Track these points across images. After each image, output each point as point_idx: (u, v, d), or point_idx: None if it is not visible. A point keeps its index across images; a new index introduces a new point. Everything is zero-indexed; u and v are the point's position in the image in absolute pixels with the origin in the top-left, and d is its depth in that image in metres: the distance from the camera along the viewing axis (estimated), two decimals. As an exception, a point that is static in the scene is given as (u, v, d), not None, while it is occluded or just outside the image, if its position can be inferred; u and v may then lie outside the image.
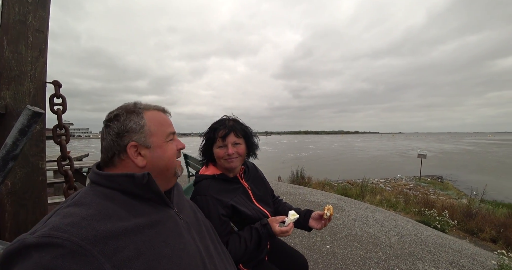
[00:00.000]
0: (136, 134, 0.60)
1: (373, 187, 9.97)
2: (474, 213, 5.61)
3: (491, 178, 16.65)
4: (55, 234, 0.42)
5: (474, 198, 9.00)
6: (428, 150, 40.15)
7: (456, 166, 24.09)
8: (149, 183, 0.56)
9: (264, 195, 1.17)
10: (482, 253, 2.96)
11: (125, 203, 0.54)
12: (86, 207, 0.49)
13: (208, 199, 0.93)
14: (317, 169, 17.54)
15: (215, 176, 1.03)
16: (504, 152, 38.91)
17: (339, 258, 2.34)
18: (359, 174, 15.06)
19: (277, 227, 0.95)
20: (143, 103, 0.67)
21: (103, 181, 0.56)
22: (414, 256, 2.51)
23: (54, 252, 0.40)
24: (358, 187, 8.75)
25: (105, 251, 0.43)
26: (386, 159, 30.13)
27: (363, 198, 7.28)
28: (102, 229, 0.45)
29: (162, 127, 0.65)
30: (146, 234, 0.50)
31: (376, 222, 3.62)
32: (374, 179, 14.81)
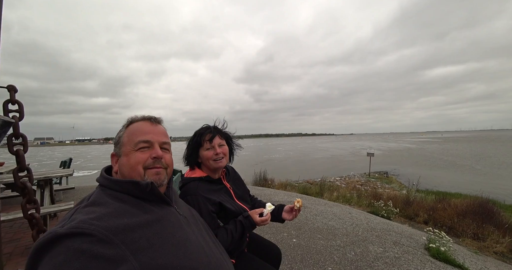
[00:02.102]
0: (116, 146, 0.74)
1: (330, 185, 10.85)
2: (411, 201, 6.67)
3: (424, 170, 19.85)
4: (83, 226, 0.50)
5: (411, 188, 10.64)
6: (376, 149, 45.61)
7: (398, 161, 27.90)
8: (153, 190, 0.67)
9: (243, 194, 1.34)
10: (417, 233, 3.61)
11: (134, 203, 0.63)
12: (103, 206, 0.58)
13: (198, 198, 1.05)
14: (279, 170, 18.27)
15: (202, 177, 1.16)
16: (433, 148, 46.74)
17: (305, 249, 2.61)
18: (318, 173, 16.26)
19: (257, 218, 1.12)
20: (136, 116, 0.77)
21: (112, 185, 0.65)
22: (366, 241, 2.94)
23: (83, 239, 0.48)
24: (317, 186, 9.50)
25: (125, 241, 0.52)
26: (341, 158, 33.08)
27: (322, 195, 7.93)
28: (120, 223, 0.54)
29: (132, 137, 0.71)
30: (154, 227, 0.60)
31: (334, 215, 4.06)
32: (331, 177, 16.14)
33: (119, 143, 0.73)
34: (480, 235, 4.37)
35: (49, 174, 2.86)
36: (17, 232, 2.91)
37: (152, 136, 0.73)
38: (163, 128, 0.80)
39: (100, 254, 0.47)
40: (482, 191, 7.98)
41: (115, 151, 0.74)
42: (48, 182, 2.87)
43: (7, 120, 0.83)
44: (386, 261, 2.44)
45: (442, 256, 2.62)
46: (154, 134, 0.74)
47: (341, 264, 2.31)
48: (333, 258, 2.44)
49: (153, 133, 0.74)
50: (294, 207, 1.24)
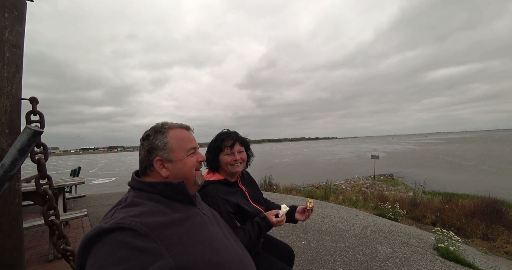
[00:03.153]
0: (161, 150, 0.77)
1: (335, 188, 10.83)
2: (418, 203, 6.65)
3: (430, 172, 19.65)
4: (125, 221, 0.56)
5: (417, 190, 10.56)
6: (380, 151, 45.33)
7: (403, 163, 27.66)
8: (183, 189, 0.75)
9: (258, 196, 1.42)
10: (425, 234, 3.62)
11: (166, 203, 0.71)
12: (140, 206, 0.65)
13: (218, 199, 1.13)
14: (284, 175, 18.25)
15: (220, 180, 1.24)
16: (437, 150, 46.27)
17: (314, 251, 2.64)
18: (322, 177, 16.19)
19: (273, 219, 1.20)
20: (169, 123, 0.85)
21: (146, 187, 0.73)
22: (374, 242, 2.96)
23: (126, 233, 0.54)
24: (323, 189, 9.48)
25: (160, 236, 0.59)
26: (346, 161, 32.92)
27: (327, 198, 7.92)
28: (155, 221, 0.61)
29: (183, 143, 0.80)
30: (184, 225, 0.67)
31: (341, 218, 4.08)
32: (336, 181, 16.05)
33: (165, 149, 0.77)
34: (490, 235, 4.34)
35: (62, 182, 2.95)
36: (31, 241, 2.99)
37: (195, 143, 0.85)
38: None
39: (141, 246, 0.53)
40: (490, 191, 7.91)
41: (161, 156, 0.77)
42: (61, 190, 2.96)
43: (37, 130, 0.92)
44: (396, 261, 2.46)
45: (451, 256, 2.64)
46: (195, 141, 0.87)
47: (351, 265, 2.34)
48: (343, 259, 2.47)
49: (194, 141, 0.86)
50: (306, 208, 1.31)
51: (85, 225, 3.45)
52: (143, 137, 0.81)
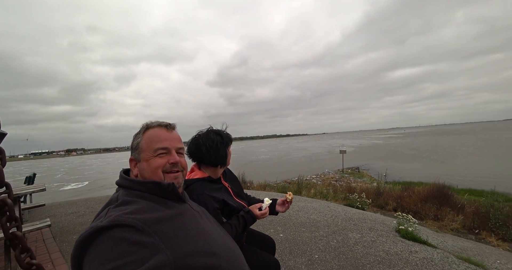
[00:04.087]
0: (134, 150, 0.81)
1: (307, 182, 11.33)
2: (381, 192, 7.33)
3: (391, 163, 21.61)
4: (121, 219, 0.57)
5: (381, 181, 11.56)
6: (347, 146, 48.40)
7: (368, 157, 29.93)
8: (173, 190, 0.77)
9: (240, 192, 1.48)
10: (388, 219, 4.04)
11: (158, 200, 0.73)
12: (134, 204, 0.66)
13: (204, 196, 1.16)
14: (258, 172, 18.53)
15: (204, 178, 1.27)
16: (397, 143, 50.96)
17: (292, 242, 2.80)
18: (295, 173, 16.80)
19: (257, 211, 1.28)
20: (152, 122, 0.85)
21: (136, 186, 0.74)
22: (345, 229, 3.24)
23: (123, 229, 0.55)
24: (295, 184, 9.88)
25: (156, 231, 0.61)
26: (318, 157, 34.54)
27: (300, 193, 8.28)
28: (151, 217, 0.64)
29: (151, 144, 0.78)
30: (177, 220, 0.71)
31: (314, 210, 4.34)
32: (307, 176, 16.80)
33: (137, 149, 0.80)
34: (439, 216, 5.01)
35: (19, 191, 2.68)
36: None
37: (169, 142, 0.81)
38: (178, 134, 0.88)
39: (139, 241, 0.54)
40: (439, 178, 9.03)
41: (133, 155, 0.81)
42: (17, 200, 2.68)
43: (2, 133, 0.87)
44: (364, 244, 2.74)
45: (410, 236, 3.02)
46: (171, 140, 0.82)
47: (326, 251, 2.55)
48: (318, 247, 2.67)
49: (170, 140, 0.81)
50: (286, 200, 1.42)
51: (47, 237, 3.16)
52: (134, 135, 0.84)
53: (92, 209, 4.52)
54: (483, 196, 7.54)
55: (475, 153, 27.13)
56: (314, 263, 2.30)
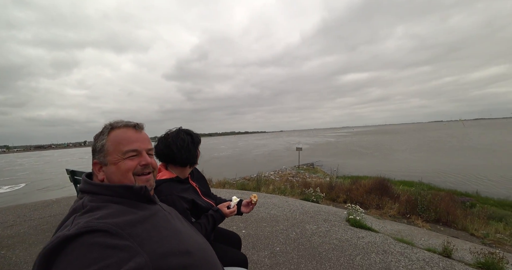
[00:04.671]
0: (98, 153, 0.75)
1: (266, 179, 11.71)
2: (334, 186, 8.04)
3: (341, 160, 23.80)
4: (91, 224, 0.53)
5: (333, 175, 12.66)
6: (303, 144, 51.51)
7: (321, 153, 32.34)
8: (145, 193, 0.74)
9: (208, 191, 1.50)
10: (340, 210, 4.49)
11: (128, 204, 0.70)
12: (103, 209, 0.62)
13: (174, 197, 1.15)
14: (217, 170, 18.38)
15: (173, 178, 1.24)
16: (346, 141, 56.31)
17: (254, 237, 2.90)
18: (254, 169, 17.19)
19: (226, 210, 1.31)
20: (118, 122, 0.78)
21: (104, 190, 0.69)
22: (303, 222, 3.49)
23: (95, 235, 0.51)
24: (254, 181, 10.13)
25: (131, 234, 0.59)
26: (276, 154, 35.87)
27: (259, 189, 8.53)
28: (124, 220, 0.61)
29: (119, 146, 0.74)
30: (150, 222, 0.69)
31: (274, 205, 4.55)
32: (266, 172, 17.34)
33: (102, 151, 0.74)
34: (380, 205, 5.76)
35: None
36: None
37: (139, 144, 0.77)
38: (146, 134, 0.84)
39: (114, 244, 0.52)
40: (381, 172, 10.35)
41: (97, 158, 0.75)
42: None
43: None
44: (320, 234, 3.00)
45: (357, 224, 3.42)
46: (140, 142, 0.78)
47: (286, 243, 2.72)
48: (279, 240, 2.83)
49: (139, 142, 0.77)
50: (251, 201, 1.48)
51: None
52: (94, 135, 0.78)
53: (24, 218, 3.88)
54: (413, 186, 8.97)
55: (407, 150, 31.81)
56: (276, 255, 2.44)
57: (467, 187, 11.62)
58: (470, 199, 8.54)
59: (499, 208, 8.00)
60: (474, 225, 4.97)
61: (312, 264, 2.27)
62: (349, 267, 2.24)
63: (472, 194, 10.05)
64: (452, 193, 8.14)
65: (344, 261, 2.35)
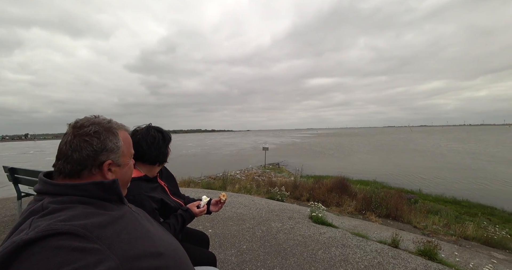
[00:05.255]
0: (113, 154, 0.73)
1: (232, 178, 11.71)
2: (298, 185, 8.40)
3: (305, 160, 24.94)
4: (55, 227, 0.48)
5: (297, 175, 13.20)
6: (270, 143, 52.63)
7: (287, 153, 33.43)
8: (117, 187, 0.71)
9: (176, 190, 1.48)
10: (303, 208, 4.72)
11: (97, 204, 0.66)
12: (68, 210, 0.57)
13: (141, 197, 1.11)
14: (183, 168, 17.77)
15: (141, 177, 1.19)
16: (311, 142, 59.18)
17: (221, 236, 2.90)
18: (220, 168, 17.04)
19: (196, 209, 1.31)
20: (114, 122, 0.78)
21: (69, 190, 0.63)
22: (269, 220, 3.60)
23: (59, 238, 0.46)
24: (220, 180, 10.06)
25: (100, 237, 0.55)
26: (243, 153, 36.00)
27: (225, 188, 8.50)
28: (92, 222, 0.57)
29: (130, 148, 0.80)
30: (120, 223, 0.66)
31: (240, 204, 4.59)
32: (232, 171, 17.31)
33: (118, 152, 0.74)
34: (340, 203, 6.21)
35: None
36: None
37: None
38: None
39: (81, 247, 0.48)
40: (341, 172, 11.13)
41: (113, 159, 0.72)
42: None
43: None
44: (285, 231, 3.13)
45: (319, 220, 3.65)
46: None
47: (253, 241, 2.78)
48: (245, 238, 2.88)
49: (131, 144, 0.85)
50: (220, 200, 1.49)
51: None
52: (88, 132, 0.68)
53: None
54: (369, 185, 9.86)
55: (364, 152, 34.74)
56: (243, 253, 2.48)
57: (412, 185, 13.16)
58: (414, 196, 9.72)
59: (436, 203, 9.27)
60: (416, 218, 5.68)
61: (278, 260, 2.37)
62: (312, 261, 2.39)
63: (416, 191, 11.44)
64: (400, 191, 9.14)
65: (308, 255, 2.50)
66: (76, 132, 0.68)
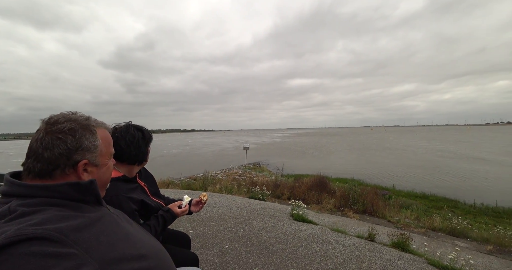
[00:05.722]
0: (90, 153, 0.67)
1: (212, 178, 11.59)
2: (279, 184, 8.52)
3: (286, 159, 25.31)
4: (25, 232, 0.44)
5: (278, 174, 13.38)
6: (251, 143, 52.78)
7: (268, 153, 33.72)
8: (95, 188, 0.67)
9: (156, 190, 1.44)
10: (284, 207, 4.80)
11: (71, 206, 0.61)
12: (40, 213, 0.52)
13: (120, 198, 1.06)
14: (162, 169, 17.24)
15: (119, 177, 1.15)
16: (291, 142, 60.26)
17: (202, 237, 2.86)
18: (200, 169, 16.77)
19: (177, 209, 1.28)
20: (93, 120, 0.73)
21: (40, 192, 0.58)
22: (250, 219, 3.61)
23: (31, 243, 0.43)
24: (201, 180, 9.91)
25: (77, 241, 0.52)
26: (224, 152, 35.74)
27: (206, 189, 8.40)
28: (68, 225, 0.53)
29: (109, 147, 0.75)
30: (98, 226, 0.62)
31: (222, 204, 4.56)
32: (212, 172, 17.11)
33: (95, 152, 0.69)
34: (320, 200, 6.40)
35: None
36: None
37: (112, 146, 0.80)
38: None
39: (56, 253, 0.45)
40: (320, 170, 11.46)
41: (89, 158, 0.67)
42: None
43: None
44: (267, 230, 3.17)
45: (300, 218, 3.74)
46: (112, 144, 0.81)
47: (235, 241, 2.78)
48: (227, 237, 2.87)
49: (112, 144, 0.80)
50: (201, 200, 1.48)
51: None
52: (61, 129, 0.63)
53: None
54: (347, 183, 10.27)
55: (342, 150, 36.07)
56: (225, 253, 2.47)
57: (386, 182, 13.92)
58: (388, 192, 10.28)
59: (408, 198, 9.90)
60: (390, 213, 6.03)
61: (260, 258, 2.39)
62: (293, 257, 2.44)
63: (390, 188, 12.12)
64: (376, 188, 9.64)
65: (289, 252, 2.55)
66: (48, 129, 0.63)
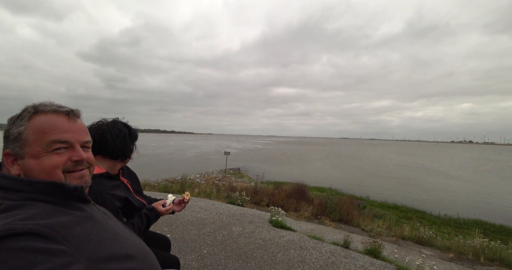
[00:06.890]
0: (12, 142, 0.60)
1: (191, 182, 11.33)
2: (258, 190, 8.54)
3: (266, 166, 25.44)
4: (13, 226, 0.43)
5: (257, 181, 13.40)
6: (232, 148, 52.54)
7: (248, 159, 33.71)
8: (81, 193, 0.64)
9: (139, 189, 1.43)
10: (264, 213, 4.83)
11: (57, 202, 0.59)
12: (27, 208, 0.51)
13: (104, 195, 1.04)
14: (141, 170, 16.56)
15: (102, 174, 1.11)
16: (272, 149, 60.91)
17: (180, 241, 2.81)
18: (179, 171, 16.35)
19: (161, 208, 1.28)
20: (44, 105, 0.64)
21: (23, 187, 0.57)
22: (229, 224, 3.60)
23: (21, 238, 0.42)
24: (179, 184, 9.67)
25: (67, 238, 0.51)
26: (205, 156, 35.18)
27: (184, 192, 8.21)
28: (56, 221, 0.52)
29: (43, 135, 0.60)
30: (88, 223, 0.61)
31: (201, 208, 4.50)
32: (191, 175, 16.75)
33: (19, 140, 0.60)
34: (298, 208, 6.51)
35: None
36: None
37: (71, 135, 0.64)
38: (83, 123, 0.72)
39: (46, 249, 0.43)
40: (299, 178, 11.67)
41: (11, 149, 0.60)
42: None
43: None
44: (246, 235, 3.18)
45: (279, 224, 3.79)
46: (73, 133, 0.65)
47: (214, 245, 2.76)
48: (206, 242, 2.84)
49: (72, 132, 0.64)
50: (184, 200, 1.48)
51: None
52: (11, 117, 0.62)
53: None
54: (324, 192, 10.55)
55: (321, 160, 37.05)
56: (203, 258, 2.44)
57: (361, 192, 14.48)
58: (363, 202, 10.70)
59: (381, 208, 10.37)
60: (364, 222, 6.28)
61: (239, 263, 2.40)
62: (272, 263, 2.47)
63: (365, 198, 12.62)
64: (351, 198, 9.99)
65: (268, 258, 2.58)
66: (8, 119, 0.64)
